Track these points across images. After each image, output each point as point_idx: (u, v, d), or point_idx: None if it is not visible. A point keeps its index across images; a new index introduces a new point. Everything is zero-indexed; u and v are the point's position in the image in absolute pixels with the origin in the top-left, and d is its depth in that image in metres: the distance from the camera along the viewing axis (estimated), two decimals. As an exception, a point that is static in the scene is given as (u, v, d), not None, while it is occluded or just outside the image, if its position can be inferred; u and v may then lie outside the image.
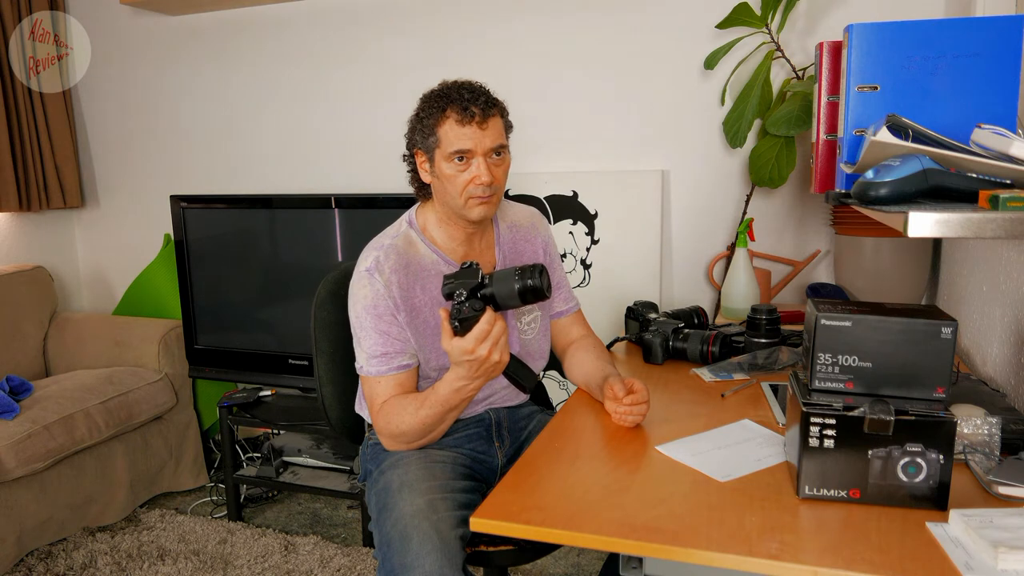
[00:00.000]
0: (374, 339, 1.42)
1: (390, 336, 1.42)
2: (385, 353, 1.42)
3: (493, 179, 1.40)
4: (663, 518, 0.99)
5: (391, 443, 1.44)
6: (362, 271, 1.45)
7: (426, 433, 1.40)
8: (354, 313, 1.45)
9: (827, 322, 1.03)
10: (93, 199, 3.26)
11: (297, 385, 2.67)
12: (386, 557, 1.27)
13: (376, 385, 1.43)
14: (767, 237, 2.36)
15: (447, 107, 1.39)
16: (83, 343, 2.84)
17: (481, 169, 1.38)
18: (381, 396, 1.43)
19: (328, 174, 2.85)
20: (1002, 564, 0.84)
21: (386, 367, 1.42)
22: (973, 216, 0.87)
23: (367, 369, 1.43)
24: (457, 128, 1.38)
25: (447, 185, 1.42)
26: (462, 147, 1.38)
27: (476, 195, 1.40)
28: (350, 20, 2.72)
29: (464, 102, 1.38)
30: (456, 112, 1.38)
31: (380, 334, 1.42)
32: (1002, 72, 1.15)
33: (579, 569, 2.25)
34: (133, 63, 3.06)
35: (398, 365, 1.43)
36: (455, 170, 1.39)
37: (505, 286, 1.27)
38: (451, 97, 1.39)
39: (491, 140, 1.40)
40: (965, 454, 1.12)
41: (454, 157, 1.39)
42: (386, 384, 1.43)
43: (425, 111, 1.43)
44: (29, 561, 2.30)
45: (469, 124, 1.38)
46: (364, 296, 1.43)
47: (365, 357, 1.43)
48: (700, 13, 2.31)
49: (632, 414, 1.30)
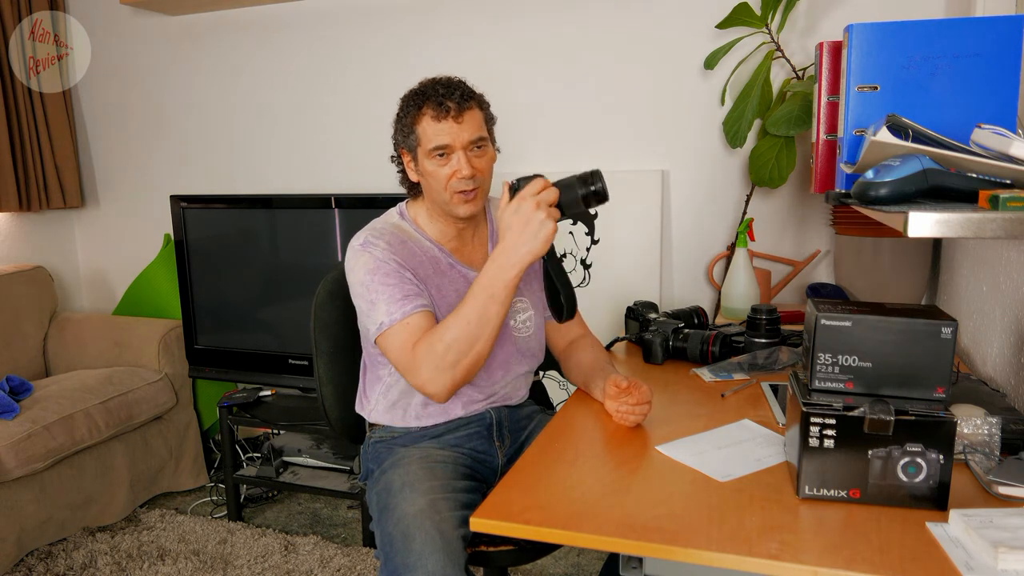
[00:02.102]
0: (390, 291, 1.38)
1: (404, 283, 1.40)
2: (405, 296, 1.38)
3: (475, 172, 1.40)
4: (663, 518, 0.99)
5: (436, 373, 1.33)
6: (356, 247, 1.45)
7: (475, 336, 1.31)
8: (358, 280, 1.42)
9: (827, 322, 1.03)
10: (93, 199, 3.26)
11: (297, 385, 2.67)
12: (388, 557, 1.27)
13: (404, 329, 1.36)
14: (767, 237, 2.36)
15: (423, 104, 1.40)
16: (83, 343, 2.84)
17: (461, 163, 1.39)
18: (414, 336, 1.35)
19: (328, 174, 2.85)
20: (1002, 564, 0.84)
21: (411, 306, 1.38)
22: (973, 216, 0.87)
23: (390, 319, 1.37)
24: (434, 124, 1.39)
25: (431, 182, 1.43)
26: (440, 143, 1.39)
27: (459, 189, 1.41)
28: (350, 20, 2.72)
29: (439, 98, 1.39)
30: (432, 108, 1.39)
31: (394, 286, 1.39)
32: (1002, 72, 1.15)
33: (579, 569, 2.25)
34: (133, 63, 3.06)
35: (421, 304, 1.39)
36: (436, 166, 1.41)
37: (569, 193, 1.30)
38: (427, 94, 1.41)
39: (469, 133, 1.40)
40: (965, 454, 1.12)
41: (434, 154, 1.40)
42: (415, 323, 1.36)
43: (404, 110, 1.44)
44: (29, 561, 2.30)
45: (445, 119, 1.39)
46: (364, 263, 1.42)
47: (384, 309, 1.38)
48: (700, 13, 2.31)
49: (634, 414, 1.30)
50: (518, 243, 1.28)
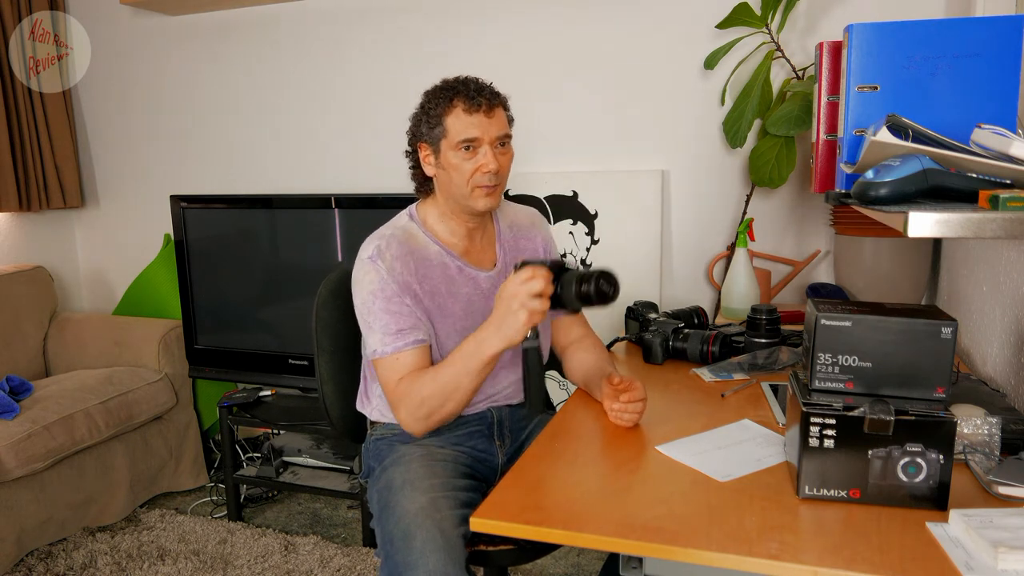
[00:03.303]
0: (386, 319, 1.41)
1: (402, 314, 1.42)
2: (400, 329, 1.41)
3: (499, 168, 1.42)
4: (663, 518, 0.99)
5: (410, 419, 1.40)
6: (364, 259, 1.45)
7: (446, 397, 1.37)
8: (360, 299, 1.45)
9: (827, 322, 1.03)
10: (93, 199, 3.26)
11: (297, 385, 2.66)
12: (389, 555, 1.28)
13: (394, 363, 1.41)
14: (767, 237, 2.36)
15: (454, 97, 1.42)
16: (83, 343, 2.84)
17: (488, 157, 1.41)
18: (399, 372, 1.41)
19: (328, 174, 2.85)
20: (1002, 564, 0.84)
21: (402, 342, 1.41)
22: (973, 216, 0.87)
23: (383, 349, 1.41)
24: (465, 117, 1.41)
25: (453, 175, 1.43)
26: (470, 135, 1.41)
27: (482, 184, 1.42)
28: (350, 20, 2.72)
29: (471, 92, 1.41)
30: (463, 102, 1.41)
31: (391, 313, 1.42)
32: (1002, 72, 1.15)
33: (579, 569, 2.25)
34: (133, 63, 3.06)
35: (414, 340, 1.42)
36: (462, 159, 1.42)
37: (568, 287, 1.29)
38: (457, 89, 1.43)
39: (497, 129, 1.43)
40: (965, 454, 1.12)
41: (461, 146, 1.41)
42: (404, 360, 1.41)
43: (431, 103, 1.45)
44: (29, 561, 2.30)
45: (476, 112, 1.41)
46: (369, 281, 1.43)
47: (379, 338, 1.42)
48: (700, 13, 2.31)
49: (628, 412, 1.30)
50: (496, 327, 1.30)
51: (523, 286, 1.27)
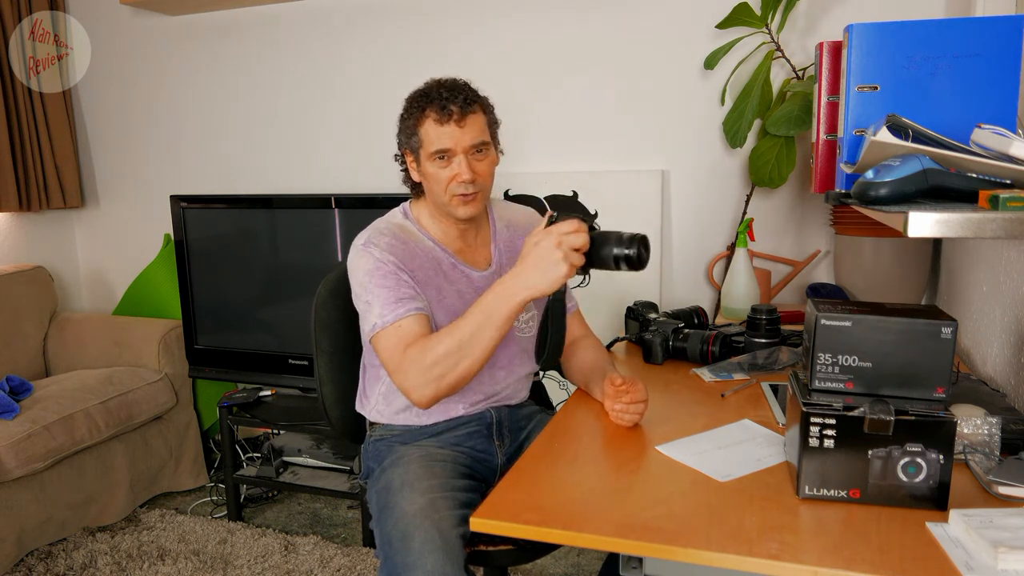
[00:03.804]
0: (385, 293, 1.39)
1: (400, 286, 1.40)
2: (400, 299, 1.39)
3: (475, 176, 1.41)
4: (663, 518, 0.99)
5: (420, 381, 1.32)
6: (359, 246, 1.45)
7: (463, 354, 1.30)
8: (357, 281, 1.44)
9: (827, 322, 1.03)
10: (93, 199, 3.26)
11: (297, 385, 2.66)
12: (388, 556, 1.28)
13: (397, 331, 1.36)
14: (767, 237, 2.36)
15: (426, 107, 1.40)
16: (83, 343, 2.84)
17: (462, 167, 1.40)
18: (405, 340, 1.35)
19: (328, 174, 2.85)
20: (1002, 564, 0.84)
21: (403, 309, 1.37)
22: (973, 216, 0.87)
23: (383, 321, 1.37)
24: (436, 128, 1.40)
25: (432, 184, 1.44)
26: (442, 146, 1.40)
27: (458, 193, 1.41)
28: (350, 20, 2.72)
29: (442, 101, 1.39)
30: (435, 112, 1.39)
31: (389, 288, 1.39)
32: (1002, 72, 1.15)
33: (579, 569, 2.25)
34: (133, 63, 3.06)
35: (415, 307, 1.39)
36: (437, 168, 1.41)
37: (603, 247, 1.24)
38: (430, 96, 1.41)
39: (470, 138, 1.40)
40: (965, 454, 1.12)
41: (435, 156, 1.41)
42: (407, 327, 1.36)
43: (407, 112, 1.45)
44: (29, 561, 2.30)
45: (447, 123, 1.39)
46: (365, 263, 1.42)
47: (378, 312, 1.38)
48: (700, 13, 2.31)
49: (629, 412, 1.30)
50: (527, 275, 1.25)
51: (567, 237, 1.22)
